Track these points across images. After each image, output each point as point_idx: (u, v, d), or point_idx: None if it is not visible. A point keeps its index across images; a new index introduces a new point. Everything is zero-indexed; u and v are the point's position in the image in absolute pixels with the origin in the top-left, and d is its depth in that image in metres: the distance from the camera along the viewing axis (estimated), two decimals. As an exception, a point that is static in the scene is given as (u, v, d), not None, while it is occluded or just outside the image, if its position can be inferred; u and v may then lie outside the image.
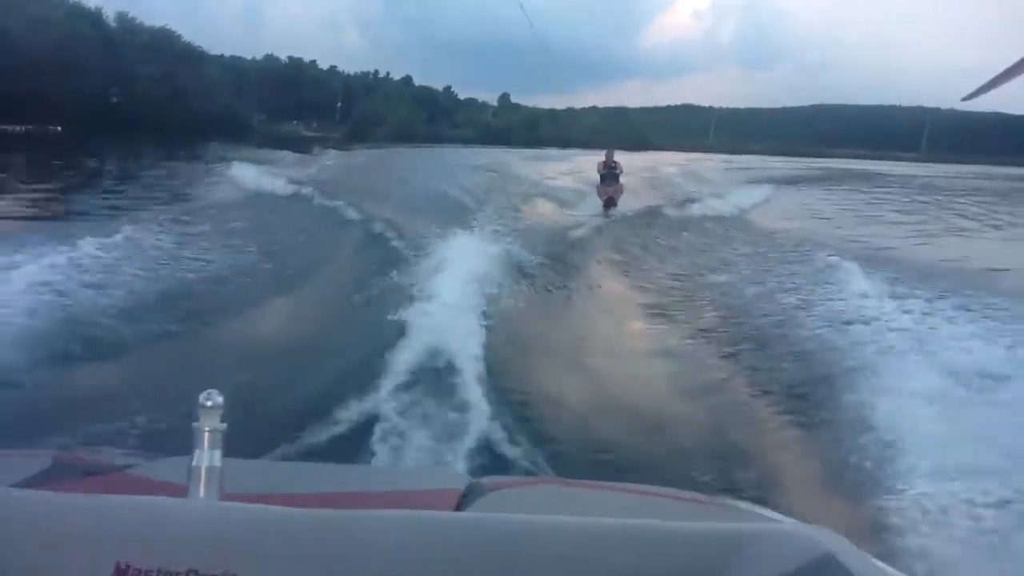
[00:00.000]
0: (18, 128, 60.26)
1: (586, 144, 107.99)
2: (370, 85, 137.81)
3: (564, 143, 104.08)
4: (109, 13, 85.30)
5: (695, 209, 20.63)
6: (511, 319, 8.50)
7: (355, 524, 0.92)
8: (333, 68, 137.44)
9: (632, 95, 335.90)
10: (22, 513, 0.91)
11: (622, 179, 22.29)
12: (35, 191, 20.70)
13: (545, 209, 21.84)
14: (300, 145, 62.17)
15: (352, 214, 16.52)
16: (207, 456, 1.01)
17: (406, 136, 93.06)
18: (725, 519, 1.28)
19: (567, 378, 6.81)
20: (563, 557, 0.88)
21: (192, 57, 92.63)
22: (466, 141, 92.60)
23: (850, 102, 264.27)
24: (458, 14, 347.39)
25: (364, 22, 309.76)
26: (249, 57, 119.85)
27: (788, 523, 1.23)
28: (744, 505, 1.60)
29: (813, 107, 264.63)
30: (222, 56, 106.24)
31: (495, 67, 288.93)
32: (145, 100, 76.06)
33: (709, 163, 47.49)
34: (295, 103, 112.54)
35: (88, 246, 10.08)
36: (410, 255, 11.62)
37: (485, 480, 1.52)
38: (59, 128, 62.98)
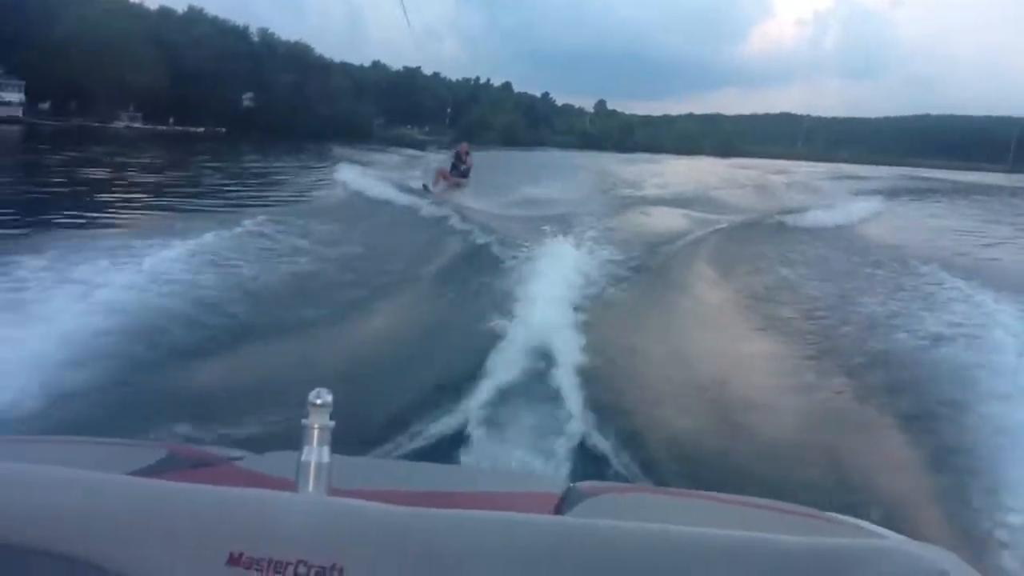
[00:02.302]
0: (199, 129, 71.62)
1: (678, 150, 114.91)
2: (472, 92, 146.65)
3: (657, 149, 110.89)
4: (253, 30, 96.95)
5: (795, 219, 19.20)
6: (611, 320, 8.24)
7: (458, 524, 0.94)
8: (436, 75, 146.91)
9: (729, 102, 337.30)
10: (139, 500, 0.97)
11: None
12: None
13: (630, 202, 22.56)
14: (416, 146, 69.28)
15: (475, 199, 19.30)
16: (316, 452, 1.06)
17: (509, 140, 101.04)
18: (832, 534, 1.20)
19: (672, 387, 6.55)
20: (666, 567, 0.89)
21: (321, 67, 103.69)
22: (564, 146, 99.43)
23: (957, 112, 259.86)
24: (555, 22, 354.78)
25: (462, 30, 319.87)
26: (357, 64, 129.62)
27: (900, 540, 1.20)
28: (853, 521, 1.50)
29: (915, 118, 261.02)
30: (345, 64, 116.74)
31: (591, 73, 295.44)
32: (282, 106, 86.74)
33: (778, 177, 43.60)
34: (408, 109, 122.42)
35: (210, 237, 10.24)
36: (523, 235, 12.48)
37: (583, 485, 1.55)
38: (224, 129, 73.77)
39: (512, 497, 1.49)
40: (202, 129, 73.05)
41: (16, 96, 67.02)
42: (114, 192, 20.63)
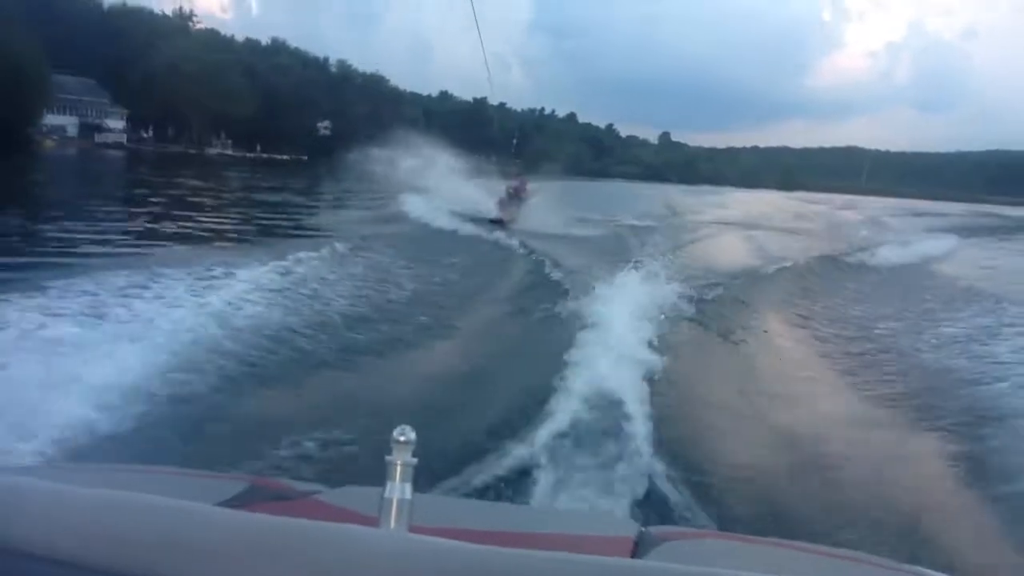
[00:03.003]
0: (284, 157, 75.94)
1: (741, 183, 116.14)
2: (537, 122, 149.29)
3: (720, 181, 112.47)
4: (332, 61, 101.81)
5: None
6: (679, 352, 8.17)
7: (536, 565, 0.94)
8: (503, 105, 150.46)
9: (796, 134, 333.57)
10: (222, 530, 0.98)
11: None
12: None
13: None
14: (484, 175, 71.87)
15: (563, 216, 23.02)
16: (399, 488, 1.07)
17: (574, 170, 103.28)
18: None
19: (736, 430, 6.48)
20: None
21: (394, 97, 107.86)
22: (628, 177, 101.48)
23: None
24: (620, 52, 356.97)
25: (528, 60, 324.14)
26: (425, 94, 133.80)
27: None
28: (923, 571, 1.47)
29: (987, 152, 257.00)
30: (414, 94, 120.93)
31: (656, 105, 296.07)
32: (358, 134, 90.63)
33: (845, 212, 44.20)
34: (476, 138, 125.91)
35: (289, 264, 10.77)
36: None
37: (656, 529, 1.56)
38: (305, 157, 77.90)
39: (587, 540, 1.50)
40: (287, 157, 77.41)
41: (120, 124, 72.29)
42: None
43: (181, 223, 18.52)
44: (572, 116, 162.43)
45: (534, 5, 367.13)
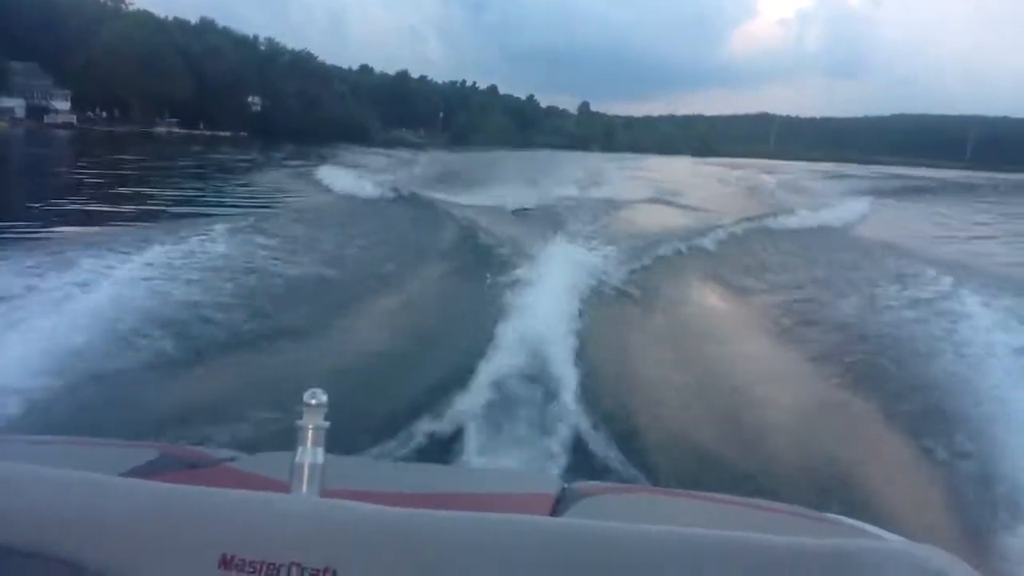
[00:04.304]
0: (226, 133, 79.04)
1: (660, 150, 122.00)
2: (461, 95, 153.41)
3: (640, 149, 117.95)
4: (261, 39, 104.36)
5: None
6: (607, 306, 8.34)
7: (452, 525, 0.94)
8: (424, 78, 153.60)
9: (712, 103, 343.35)
10: (130, 502, 0.95)
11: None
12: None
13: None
14: (414, 147, 75.49)
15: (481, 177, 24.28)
16: (310, 453, 1.05)
17: (499, 142, 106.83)
18: (830, 535, 1.17)
19: (664, 384, 6.42)
20: (660, 568, 0.89)
21: (322, 73, 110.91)
22: (551, 147, 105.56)
23: (936, 112, 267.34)
24: (538, 23, 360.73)
25: (445, 32, 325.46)
26: (345, 67, 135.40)
27: (898, 541, 1.19)
28: (850, 521, 1.48)
29: (893, 117, 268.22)
30: (335, 68, 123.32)
31: (575, 75, 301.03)
32: (288, 110, 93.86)
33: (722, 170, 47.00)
34: (403, 112, 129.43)
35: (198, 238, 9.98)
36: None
37: (579, 485, 1.55)
38: (244, 133, 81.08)
39: (507, 498, 1.49)
40: (228, 133, 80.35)
41: (65, 105, 74.18)
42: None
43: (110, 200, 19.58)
44: (494, 88, 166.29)
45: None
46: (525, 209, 17.73)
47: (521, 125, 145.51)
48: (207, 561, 0.89)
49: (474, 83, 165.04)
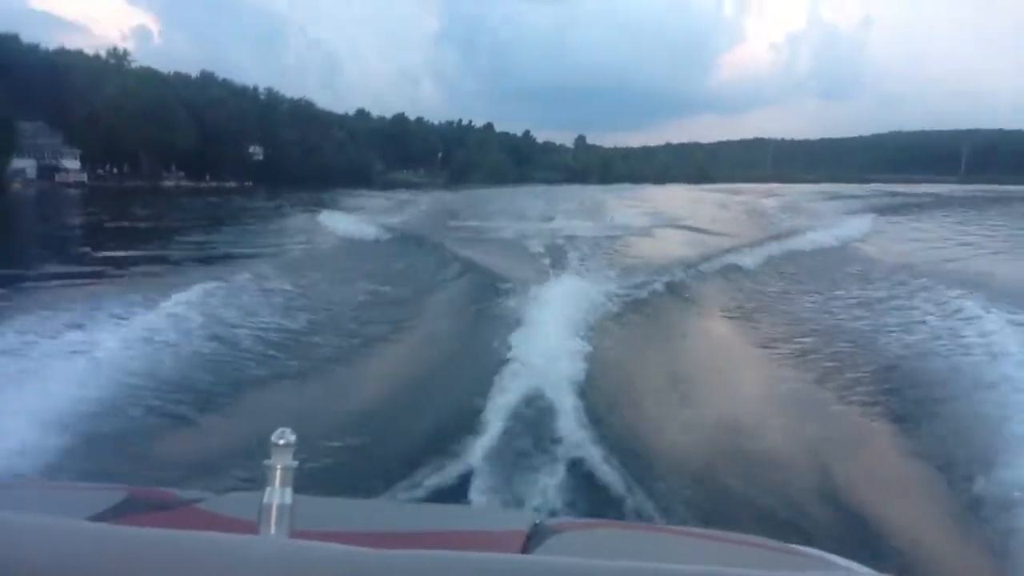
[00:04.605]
0: (231, 184, 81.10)
1: (656, 179, 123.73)
2: (457, 134, 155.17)
3: (637, 179, 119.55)
4: (261, 89, 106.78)
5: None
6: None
7: (422, 565, 0.92)
8: (420, 119, 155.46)
9: (707, 129, 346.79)
10: (97, 546, 0.94)
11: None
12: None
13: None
14: (414, 187, 76.59)
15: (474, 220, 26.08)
16: (279, 493, 1.04)
17: (497, 178, 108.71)
18: (798, 567, 1.23)
19: (666, 410, 6.61)
20: None
21: (321, 120, 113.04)
22: (548, 181, 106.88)
23: (929, 128, 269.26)
24: (529, 60, 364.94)
25: (438, 73, 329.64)
26: (341, 112, 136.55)
27: (865, 573, 1.23)
28: (818, 553, 1.51)
29: (887, 135, 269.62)
30: (330, 113, 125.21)
31: (569, 109, 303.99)
32: (290, 158, 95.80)
33: (735, 197, 47.72)
34: (402, 154, 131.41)
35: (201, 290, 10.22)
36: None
37: (550, 522, 1.57)
38: (250, 183, 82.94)
39: (479, 536, 1.48)
40: (234, 183, 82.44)
41: (75, 163, 76.03)
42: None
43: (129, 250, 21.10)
44: (490, 126, 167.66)
45: (440, 18, 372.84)
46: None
47: (518, 161, 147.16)
48: None
49: (470, 121, 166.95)
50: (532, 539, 1.39)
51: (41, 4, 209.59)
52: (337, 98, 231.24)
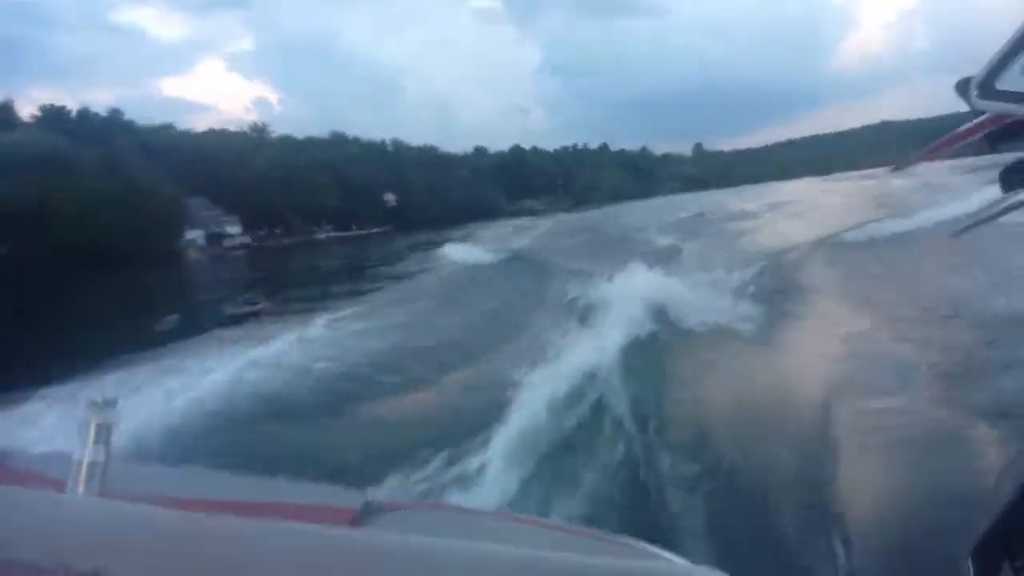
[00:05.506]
0: (375, 230, 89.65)
1: (779, 176, 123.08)
2: (572, 158, 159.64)
3: (759, 179, 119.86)
4: (388, 141, 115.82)
5: None
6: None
7: (235, 531, 0.89)
8: (535, 148, 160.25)
9: (829, 121, 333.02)
10: None
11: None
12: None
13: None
14: (537, 214, 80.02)
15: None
16: (90, 451, 0.98)
17: (618, 196, 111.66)
18: (613, 555, 1.20)
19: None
20: None
21: (444, 162, 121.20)
22: (670, 191, 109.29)
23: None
24: (634, 74, 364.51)
25: (546, 102, 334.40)
26: (459, 153, 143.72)
27: (682, 565, 1.22)
28: (641, 545, 1.42)
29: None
30: (449, 155, 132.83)
31: (684, 118, 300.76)
32: (420, 202, 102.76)
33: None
34: (524, 184, 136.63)
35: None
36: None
37: (382, 500, 1.50)
38: (389, 227, 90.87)
39: (307, 509, 1.38)
40: (377, 230, 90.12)
41: (236, 229, 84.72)
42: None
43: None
44: (604, 146, 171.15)
45: (541, 49, 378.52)
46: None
47: (637, 176, 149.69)
48: None
49: (585, 144, 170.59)
50: (361, 515, 1.34)
51: (172, 91, 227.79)
52: (454, 139, 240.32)
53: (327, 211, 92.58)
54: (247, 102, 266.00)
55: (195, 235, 78.02)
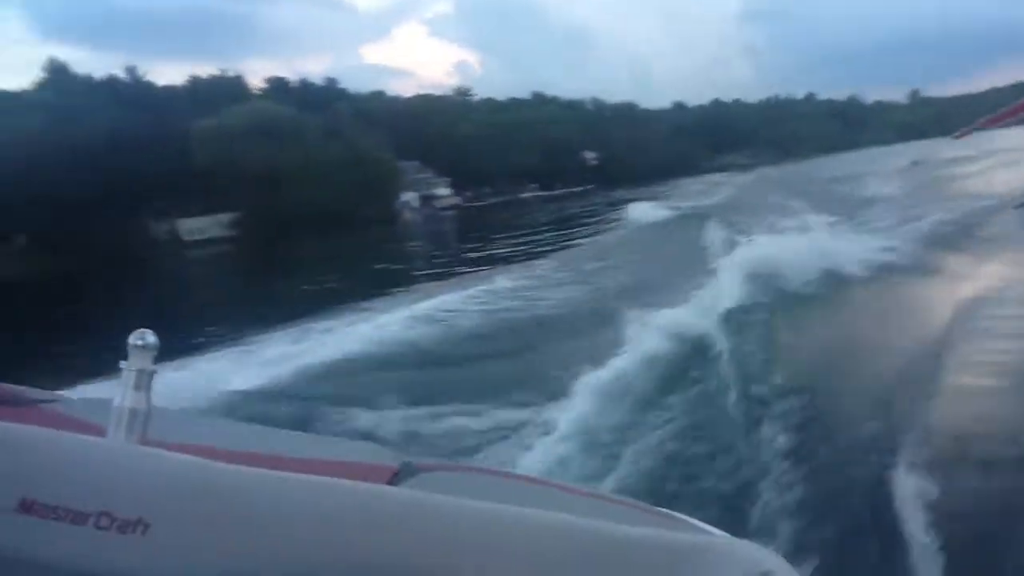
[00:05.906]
0: (579, 188, 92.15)
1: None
2: (775, 109, 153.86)
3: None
4: (587, 100, 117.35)
5: None
6: None
7: (275, 484, 0.90)
8: (737, 100, 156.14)
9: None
10: None
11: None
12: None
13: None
14: (740, 169, 78.59)
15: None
16: (131, 397, 0.98)
17: (825, 148, 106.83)
18: (656, 526, 1.15)
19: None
20: (489, 545, 0.89)
21: (643, 119, 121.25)
22: (882, 143, 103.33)
23: None
24: (842, 18, 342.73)
25: (748, 51, 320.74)
26: (656, 108, 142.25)
27: (723, 537, 1.20)
28: (681, 516, 1.45)
29: None
30: (648, 111, 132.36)
31: (900, 60, 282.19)
32: (621, 159, 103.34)
33: None
34: (723, 138, 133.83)
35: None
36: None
37: (420, 461, 1.54)
38: (592, 186, 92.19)
39: (344, 466, 1.40)
40: (579, 188, 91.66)
41: (447, 191, 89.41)
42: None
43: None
44: (811, 96, 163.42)
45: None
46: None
47: (844, 126, 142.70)
48: (6, 504, 0.83)
49: (789, 95, 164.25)
50: (399, 475, 1.36)
51: (373, 59, 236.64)
52: (652, 95, 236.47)
53: (531, 170, 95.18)
54: (448, 66, 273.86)
55: (409, 197, 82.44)
